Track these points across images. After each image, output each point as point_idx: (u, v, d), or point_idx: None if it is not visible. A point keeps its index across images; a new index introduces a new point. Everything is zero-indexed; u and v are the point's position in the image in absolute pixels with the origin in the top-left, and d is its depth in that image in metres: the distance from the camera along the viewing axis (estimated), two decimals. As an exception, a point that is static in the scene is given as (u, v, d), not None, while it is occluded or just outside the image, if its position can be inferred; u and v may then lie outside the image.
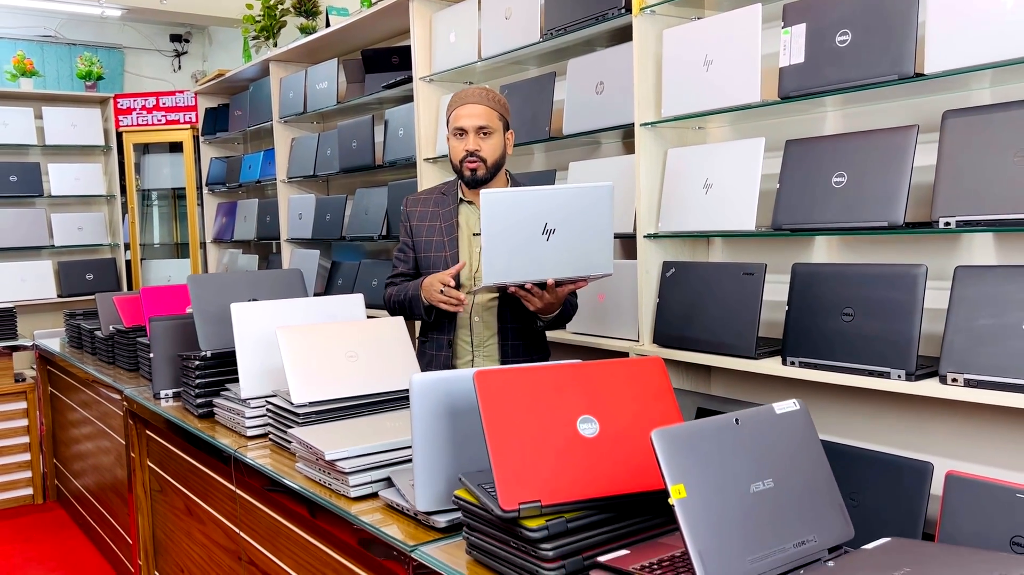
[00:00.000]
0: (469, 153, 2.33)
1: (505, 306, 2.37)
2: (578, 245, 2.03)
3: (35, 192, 5.76)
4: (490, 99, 2.35)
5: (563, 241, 2.02)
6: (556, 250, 2.02)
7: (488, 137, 2.33)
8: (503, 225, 1.99)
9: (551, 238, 2.01)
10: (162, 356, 2.78)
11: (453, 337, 2.41)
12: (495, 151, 2.35)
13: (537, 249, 2.01)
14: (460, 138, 2.35)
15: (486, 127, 2.33)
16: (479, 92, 2.36)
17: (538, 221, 2.00)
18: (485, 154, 2.33)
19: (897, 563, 1.01)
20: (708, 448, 1.06)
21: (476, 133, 2.32)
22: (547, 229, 2.00)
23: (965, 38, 1.86)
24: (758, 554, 1.02)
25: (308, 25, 4.68)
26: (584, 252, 2.04)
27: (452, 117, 2.36)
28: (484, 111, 2.33)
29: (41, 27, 6.19)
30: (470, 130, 2.32)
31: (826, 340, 2.09)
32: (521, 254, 2.01)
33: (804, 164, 2.21)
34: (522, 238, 2.00)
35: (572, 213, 2.02)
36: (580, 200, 2.03)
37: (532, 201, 2.02)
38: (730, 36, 2.31)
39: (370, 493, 1.71)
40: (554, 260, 2.03)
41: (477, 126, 2.32)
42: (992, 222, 1.84)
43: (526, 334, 2.41)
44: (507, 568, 1.28)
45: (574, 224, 2.02)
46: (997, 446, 2.04)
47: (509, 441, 1.27)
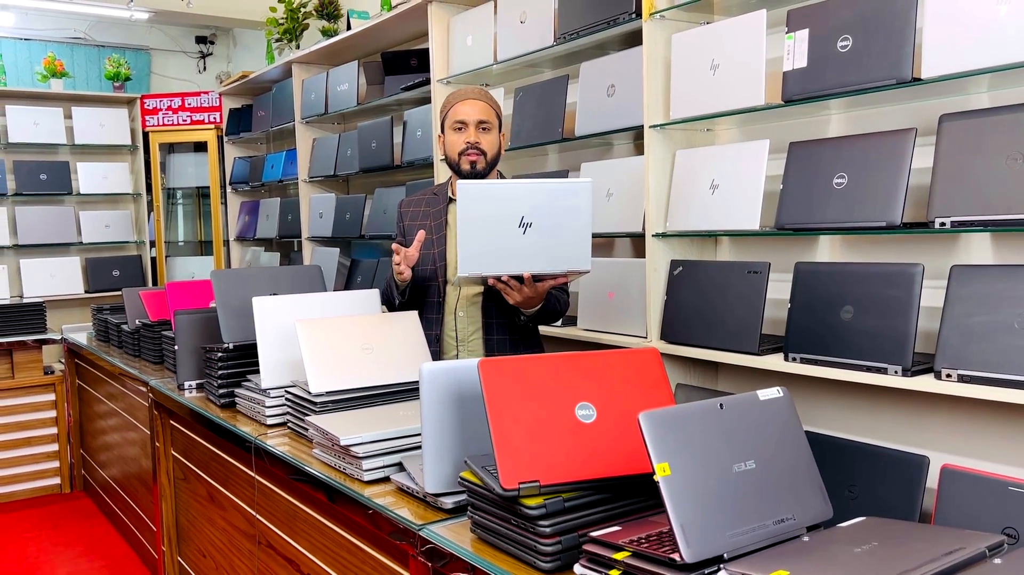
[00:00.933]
0: (470, 145, 2.36)
1: (490, 301, 2.40)
2: (555, 240, 2.04)
3: (64, 190, 5.91)
4: (488, 98, 2.41)
5: (540, 236, 2.03)
6: (533, 244, 2.03)
7: (487, 132, 2.38)
8: (479, 216, 2.01)
9: (527, 232, 2.02)
10: (186, 348, 2.88)
11: (440, 332, 2.45)
12: (493, 146, 2.40)
13: (513, 242, 2.02)
14: (459, 131, 2.38)
15: (486, 122, 2.38)
16: (478, 90, 2.42)
17: (515, 214, 2.01)
18: (485, 147, 2.37)
19: (867, 538, 1.08)
20: (693, 430, 1.13)
21: (476, 127, 2.37)
22: (524, 223, 2.01)
23: (961, 44, 1.91)
24: (739, 529, 1.10)
25: (330, 28, 4.79)
26: (561, 247, 2.04)
27: (451, 112, 2.40)
28: (484, 107, 2.38)
29: (71, 29, 6.34)
30: (471, 123, 2.37)
31: (826, 336, 2.15)
32: (497, 246, 2.02)
33: (806, 165, 2.27)
34: (498, 230, 2.02)
35: (550, 208, 2.03)
36: (558, 196, 2.04)
37: (509, 194, 2.03)
38: (736, 41, 2.38)
39: (382, 477, 1.80)
40: (530, 254, 2.04)
41: (477, 120, 2.37)
42: (986, 222, 1.89)
43: (512, 329, 2.43)
44: (508, 544, 1.36)
45: (552, 219, 2.03)
46: (991, 440, 2.09)
47: (510, 425, 1.35)
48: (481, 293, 2.40)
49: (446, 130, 2.42)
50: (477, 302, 2.41)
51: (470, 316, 2.42)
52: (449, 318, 2.44)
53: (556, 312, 2.36)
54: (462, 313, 2.42)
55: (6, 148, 5.80)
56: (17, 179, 5.77)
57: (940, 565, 0.94)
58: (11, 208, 5.80)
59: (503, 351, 2.42)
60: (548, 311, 2.31)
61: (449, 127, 2.41)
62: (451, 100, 2.42)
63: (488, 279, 2.09)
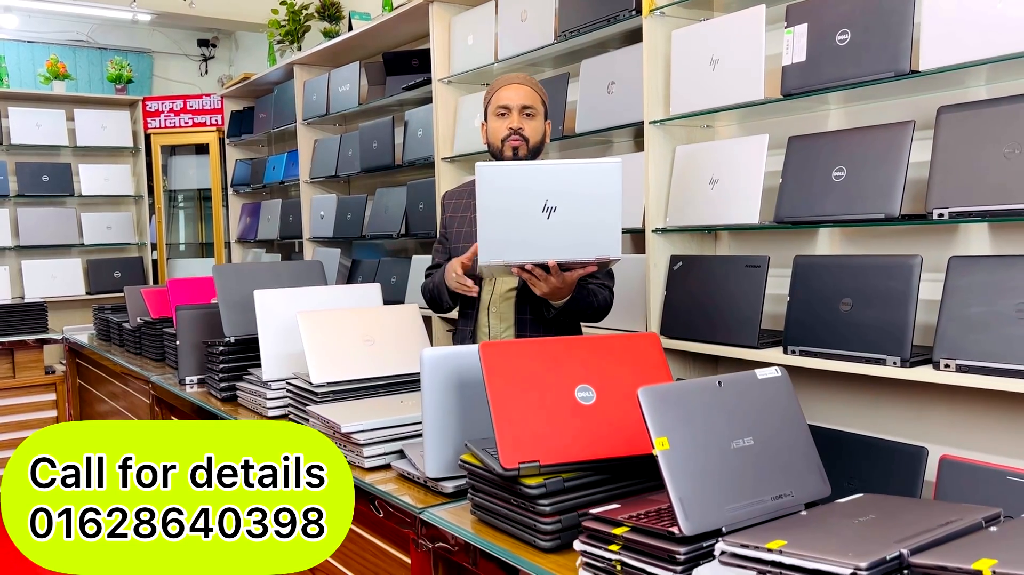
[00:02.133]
0: (513, 131, 2.26)
1: (524, 298, 2.30)
2: (581, 226, 1.90)
3: (66, 192, 5.93)
4: (534, 84, 2.32)
5: (565, 221, 1.89)
6: (557, 230, 1.89)
7: (531, 118, 2.28)
8: (499, 200, 1.89)
9: (552, 216, 1.88)
10: (188, 343, 2.89)
11: (474, 328, 2.38)
12: (537, 133, 2.30)
13: (536, 228, 1.89)
14: (502, 117, 2.28)
15: (530, 107, 2.28)
16: (523, 75, 2.33)
17: (538, 198, 1.88)
18: (528, 133, 2.27)
19: (865, 511, 1.09)
20: (691, 407, 1.14)
21: (520, 112, 2.27)
22: (547, 207, 1.88)
23: (958, 36, 1.93)
24: (737, 504, 1.10)
25: (331, 29, 4.81)
26: (588, 234, 1.91)
27: (494, 97, 2.30)
28: (529, 92, 2.29)
29: (74, 32, 6.37)
30: (514, 108, 2.26)
31: (825, 329, 2.16)
32: (518, 232, 1.90)
33: (805, 159, 2.28)
34: (520, 215, 1.89)
35: (576, 191, 1.89)
36: (585, 178, 1.91)
37: (532, 176, 1.91)
38: (735, 36, 2.40)
39: (383, 464, 1.81)
40: (555, 240, 1.90)
41: (522, 105, 2.27)
42: (983, 213, 1.90)
43: (547, 327, 2.31)
44: (508, 524, 1.37)
45: (578, 203, 1.89)
46: (989, 431, 2.10)
47: (510, 406, 1.36)
48: (515, 289, 2.31)
49: (489, 116, 2.33)
50: (511, 298, 2.31)
51: (503, 313, 2.32)
52: (483, 315, 2.35)
53: (593, 307, 2.22)
54: (495, 309, 2.33)
55: (8, 150, 5.82)
56: (19, 180, 5.79)
57: (937, 534, 0.95)
58: (13, 209, 5.81)
59: None
60: (583, 305, 2.16)
61: (492, 113, 2.31)
62: (495, 85, 2.33)
63: (512, 268, 1.97)
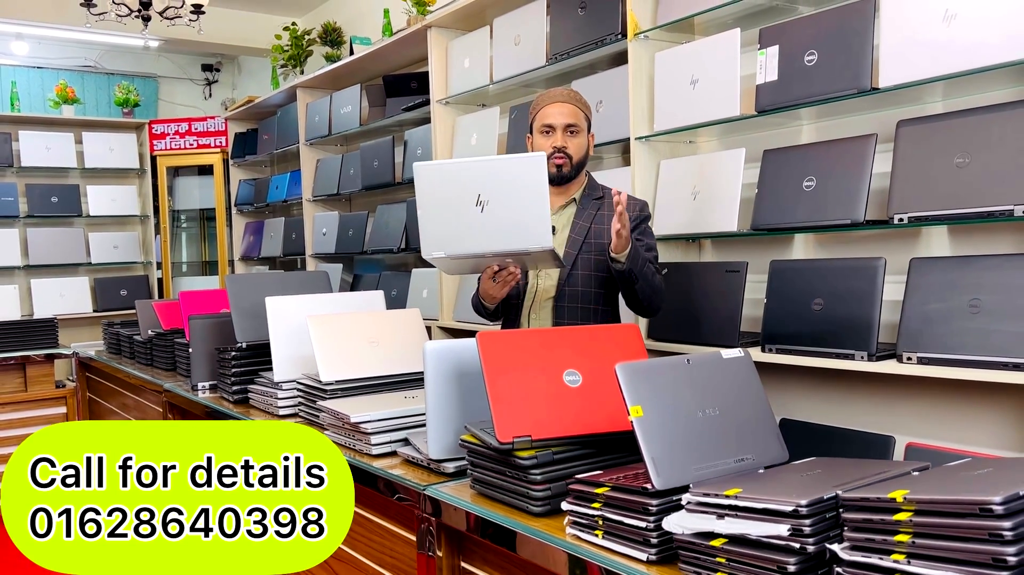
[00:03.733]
0: (556, 149, 2.32)
1: (561, 305, 2.34)
2: (513, 217, 1.99)
3: (74, 212, 6.11)
4: (577, 99, 2.38)
5: (498, 213, 1.98)
6: (491, 222, 1.99)
7: (575, 136, 2.35)
8: (436, 196, 2.01)
9: (485, 210, 1.98)
10: (200, 351, 3.04)
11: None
12: (580, 150, 2.36)
13: (472, 221, 1.99)
14: (547, 135, 2.34)
15: (574, 125, 2.34)
16: (567, 92, 2.39)
17: (471, 193, 1.98)
18: (572, 151, 2.34)
19: (813, 468, 1.24)
20: (663, 380, 1.30)
21: (564, 131, 2.33)
22: (480, 201, 1.98)
23: (913, 56, 2.11)
24: (703, 464, 1.26)
25: (333, 54, 5.01)
26: (520, 224, 1.99)
27: (539, 115, 2.37)
28: (572, 110, 2.34)
29: (82, 58, 6.58)
30: (558, 127, 2.32)
31: (799, 328, 2.33)
32: (455, 226, 2.00)
33: (779, 171, 2.46)
34: (456, 210, 1.99)
35: (505, 185, 1.98)
36: (512, 171, 2.00)
37: (463, 172, 2.03)
38: (713, 58, 2.58)
39: (389, 451, 1.96)
40: (489, 232, 2.00)
41: (565, 124, 2.32)
42: (939, 217, 2.08)
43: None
44: (503, 495, 1.52)
45: (508, 196, 1.98)
46: (951, 418, 2.26)
47: (505, 388, 1.52)
48: (552, 297, 2.35)
49: (534, 132, 2.39)
50: (548, 304, 2.36)
51: (542, 319, 2.38)
52: (524, 319, 2.41)
53: (651, 275, 2.25)
54: (534, 315, 2.39)
55: (19, 172, 6.00)
56: (29, 202, 5.96)
57: (870, 479, 1.11)
58: (23, 230, 5.99)
59: None
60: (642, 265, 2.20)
61: (537, 130, 2.37)
62: (540, 102, 2.39)
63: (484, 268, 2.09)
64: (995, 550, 0.91)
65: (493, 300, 2.30)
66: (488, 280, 2.20)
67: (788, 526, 1.05)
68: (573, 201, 2.43)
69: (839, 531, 1.05)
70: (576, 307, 2.34)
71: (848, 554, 1.01)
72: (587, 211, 2.40)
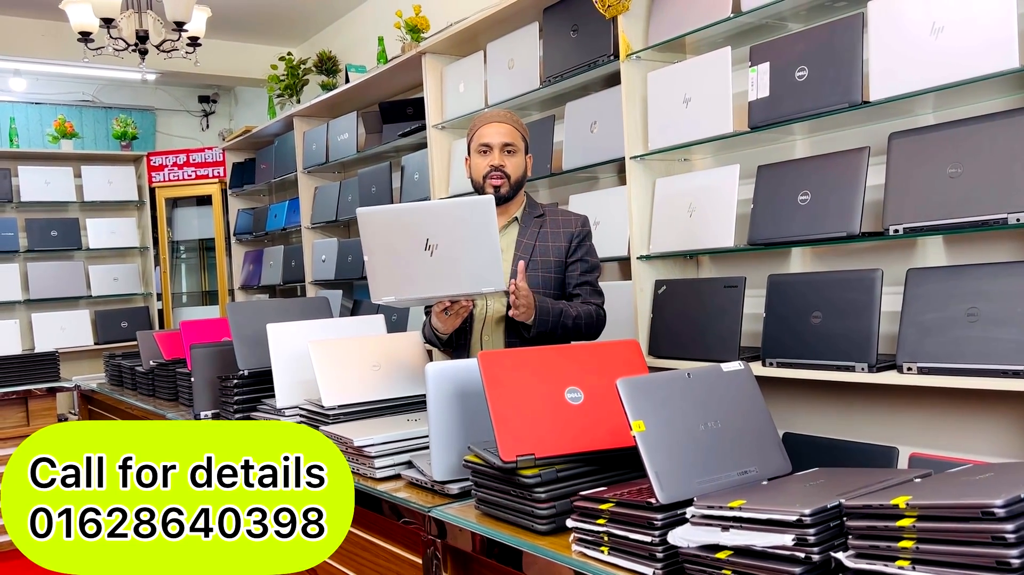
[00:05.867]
0: (494, 168, 2.35)
1: (513, 325, 2.35)
2: (464, 260, 1.97)
3: (74, 246, 6.13)
4: (514, 120, 2.42)
5: (447, 257, 1.96)
6: (440, 266, 1.96)
7: (512, 155, 2.37)
8: (382, 241, 1.98)
9: (434, 254, 1.96)
10: (202, 380, 3.05)
11: (466, 357, 2.46)
12: (518, 169, 2.39)
13: (421, 265, 1.96)
14: (484, 155, 2.37)
15: (511, 144, 2.36)
16: (504, 112, 2.44)
17: (418, 237, 1.96)
18: (509, 170, 2.36)
19: (817, 478, 1.25)
20: (664, 394, 1.31)
21: (501, 150, 2.35)
22: (429, 245, 1.96)
23: (902, 69, 2.14)
24: (706, 478, 1.27)
25: (329, 82, 5.05)
26: (471, 268, 1.97)
27: (476, 135, 2.40)
28: (509, 130, 2.38)
29: (80, 92, 6.63)
30: (495, 146, 2.35)
31: (799, 341, 2.33)
32: (404, 271, 1.97)
33: (774, 185, 2.48)
34: (404, 255, 1.97)
35: (453, 228, 1.96)
36: (460, 215, 1.98)
37: (409, 216, 2.00)
38: (705, 76, 2.61)
39: (393, 475, 1.96)
40: (440, 277, 1.98)
41: (503, 143, 2.35)
42: (934, 227, 2.09)
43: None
44: (508, 514, 1.52)
45: (456, 239, 1.96)
46: (952, 427, 2.26)
47: (507, 407, 1.53)
48: (503, 317, 2.37)
49: (472, 152, 2.42)
50: (500, 326, 2.39)
51: (494, 340, 2.40)
52: (475, 342, 2.43)
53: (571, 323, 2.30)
54: (487, 338, 2.41)
55: (18, 207, 6.03)
56: (29, 236, 5.98)
57: (873, 488, 1.11)
58: (23, 264, 6.00)
59: None
60: (554, 320, 2.26)
61: (475, 150, 2.40)
62: (477, 123, 2.43)
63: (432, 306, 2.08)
64: (998, 553, 0.91)
65: (446, 332, 2.36)
66: (440, 314, 2.24)
67: (793, 536, 1.05)
68: (515, 220, 2.45)
69: (843, 539, 1.06)
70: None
71: (853, 562, 1.02)
72: (529, 229, 2.43)
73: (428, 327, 2.46)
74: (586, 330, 2.39)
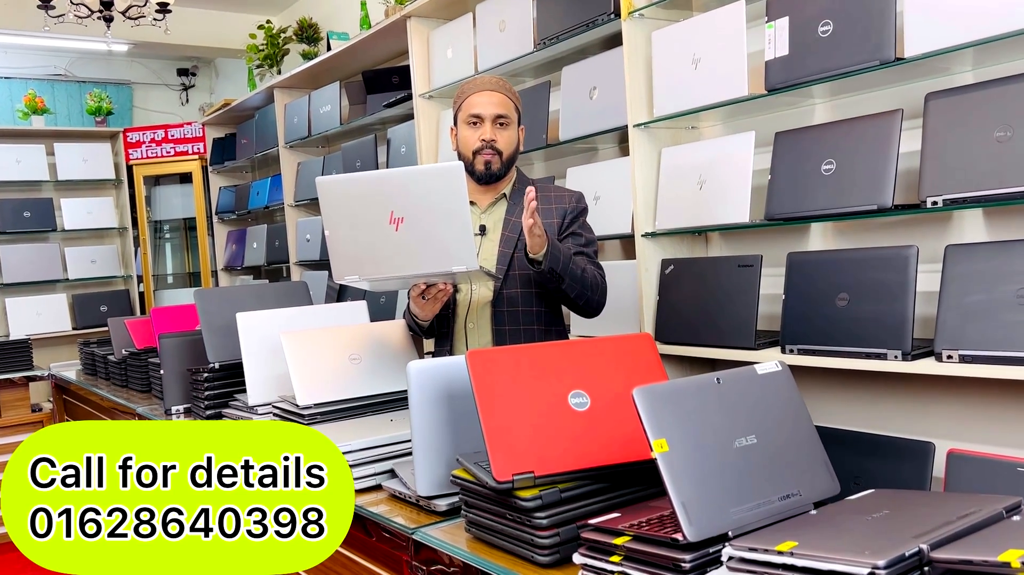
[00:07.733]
0: (485, 143, 2.12)
1: (500, 310, 2.19)
2: (432, 235, 1.77)
3: (48, 227, 5.86)
4: (506, 88, 2.18)
5: (414, 231, 1.77)
6: (408, 241, 1.77)
7: (505, 128, 2.14)
8: (345, 214, 1.80)
9: (400, 228, 1.77)
10: (172, 372, 2.82)
11: (451, 347, 2.29)
12: (511, 144, 2.17)
13: (386, 240, 1.77)
14: (474, 127, 2.14)
15: (504, 116, 2.13)
16: (495, 80, 2.18)
17: (383, 209, 1.76)
18: (501, 146, 2.14)
19: (878, 507, 1.03)
20: (690, 405, 1.09)
21: (493, 122, 2.12)
22: (395, 218, 1.76)
23: (942, 20, 1.89)
24: (743, 506, 1.05)
25: (310, 51, 4.78)
26: (440, 243, 1.78)
27: (465, 104, 2.15)
28: (502, 99, 2.14)
29: (51, 66, 6.33)
30: (487, 118, 2.12)
31: (823, 326, 2.11)
32: (369, 247, 1.79)
33: (794, 154, 2.24)
34: (368, 229, 1.78)
35: (420, 199, 1.77)
36: (427, 184, 1.78)
37: (371, 185, 1.81)
38: (716, 34, 2.36)
39: (374, 485, 1.74)
40: (408, 253, 1.79)
41: (495, 114, 2.12)
42: (977, 198, 1.86)
43: (526, 340, 2.20)
44: (504, 540, 1.31)
45: (424, 211, 1.76)
46: (996, 422, 2.05)
47: (501, 416, 1.30)
48: (490, 302, 2.19)
49: (459, 124, 2.17)
50: (487, 311, 2.20)
51: (480, 328, 2.21)
52: (459, 330, 2.24)
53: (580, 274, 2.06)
54: (472, 325, 2.22)
55: (-11, 187, 5.76)
56: (1, 217, 5.71)
57: (956, 527, 0.89)
58: (-5, 247, 5.75)
59: None
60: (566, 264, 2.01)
61: (463, 121, 2.16)
62: (466, 90, 2.17)
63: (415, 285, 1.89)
64: None
65: (426, 319, 2.14)
66: (417, 299, 2.03)
67: (861, 591, 0.83)
68: (503, 196, 2.23)
69: (924, 594, 0.84)
70: (516, 311, 2.17)
71: (941, 627, 0.80)
72: (519, 206, 2.18)
73: (407, 313, 2.25)
74: (592, 289, 2.13)
